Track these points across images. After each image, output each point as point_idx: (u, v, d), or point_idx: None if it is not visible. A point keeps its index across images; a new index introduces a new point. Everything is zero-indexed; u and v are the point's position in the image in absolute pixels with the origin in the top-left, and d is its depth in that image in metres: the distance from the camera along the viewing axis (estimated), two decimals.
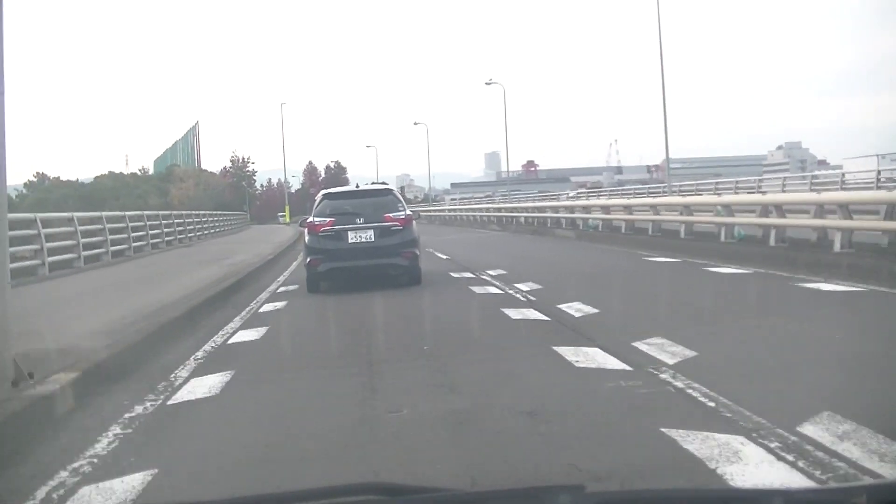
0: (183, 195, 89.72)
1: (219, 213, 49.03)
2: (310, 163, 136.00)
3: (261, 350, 7.65)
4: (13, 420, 4.71)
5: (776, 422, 4.13)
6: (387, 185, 14.62)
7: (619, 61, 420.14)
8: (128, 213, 24.13)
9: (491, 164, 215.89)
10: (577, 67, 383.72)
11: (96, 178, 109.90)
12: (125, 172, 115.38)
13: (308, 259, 12.34)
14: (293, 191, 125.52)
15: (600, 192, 53.61)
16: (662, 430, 4.12)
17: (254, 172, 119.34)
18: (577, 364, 5.91)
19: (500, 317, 8.66)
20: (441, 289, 12.00)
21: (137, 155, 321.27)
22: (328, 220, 12.33)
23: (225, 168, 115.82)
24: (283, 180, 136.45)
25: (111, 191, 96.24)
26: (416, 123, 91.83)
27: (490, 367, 6.19)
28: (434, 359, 6.54)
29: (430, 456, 4.05)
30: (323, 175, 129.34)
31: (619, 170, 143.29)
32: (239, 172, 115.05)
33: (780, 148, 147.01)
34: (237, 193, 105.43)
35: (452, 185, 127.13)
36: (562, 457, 3.92)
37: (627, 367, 5.69)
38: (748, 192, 28.98)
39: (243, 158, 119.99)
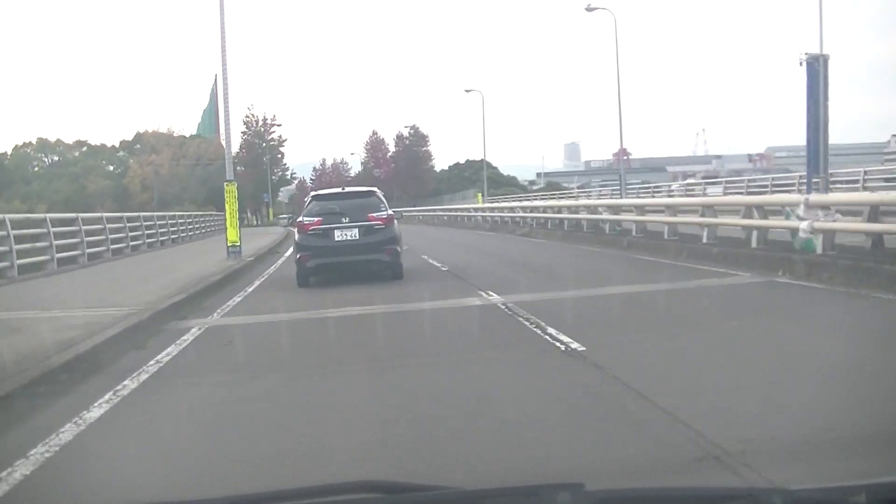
0: (148, 174, 59.23)
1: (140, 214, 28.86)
2: (374, 134, 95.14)
3: None
4: None
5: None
6: (371, 188, 15.21)
7: (706, 47, 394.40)
8: None
9: (571, 155, 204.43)
10: (660, 53, 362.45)
11: (15, 148, 72.26)
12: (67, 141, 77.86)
13: (298, 255, 13.21)
14: (352, 174, 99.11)
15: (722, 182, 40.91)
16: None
17: (281, 141, 78.43)
18: None
19: None
20: None
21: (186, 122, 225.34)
22: (316, 219, 13.23)
23: (244, 136, 75.20)
24: (342, 160, 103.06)
25: (27, 168, 65.71)
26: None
27: None
28: None
29: None
30: (392, 150, 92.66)
31: (719, 158, 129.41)
32: (257, 140, 74.43)
33: None
34: (255, 174, 68.89)
35: (538, 174, 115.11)
36: None
37: None
38: None
39: (264, 119, 75.79)
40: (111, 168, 70.03)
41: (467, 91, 55.80)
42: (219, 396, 5.94)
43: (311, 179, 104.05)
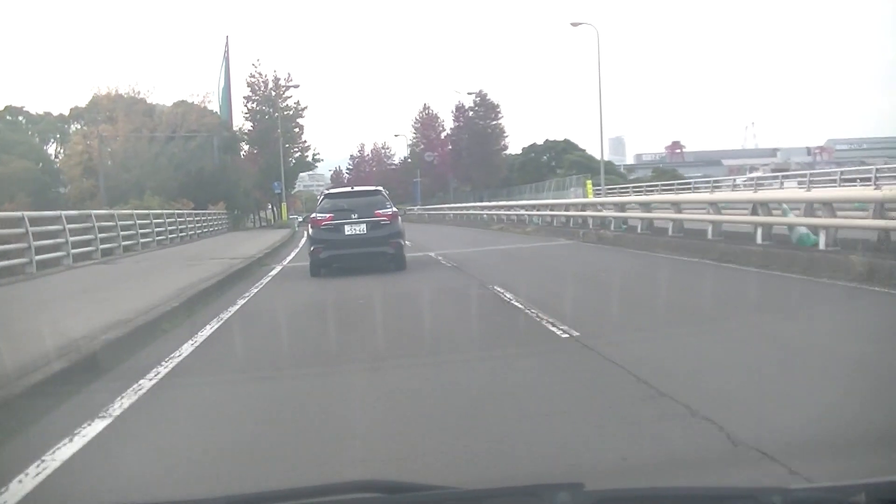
0: (91, 153, 40.98)
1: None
2: (425, 108, 75.81)
3: None
4: None
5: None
6: (377, 187, 16.80)
7: (751, 41, 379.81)
8: None
9: (615, 150, 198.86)
10: (707, 44, 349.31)
11: None
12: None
13: (311, 247, 14.66)
14: (396, 162, 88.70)
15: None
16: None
17: (300, 109, 57.83)
18: None
19: None
20: None
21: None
22: (328, 215, 14.65)
23: (248, 102, 56.78)
24: (383, 144, 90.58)
25: None
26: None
27: None
28: None
29: None
30: (450, 129, 71.81)
31: (778, 151, 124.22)
32: (266, 108, 56.04)
33: None
34: (264, 156, 53.62)
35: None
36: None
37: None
38: None
39: (276, 79, 56.39)
40: (53, 146, 54.47)
41: (574, 24, 36.60)
42: None
43: (348, 169, 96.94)
